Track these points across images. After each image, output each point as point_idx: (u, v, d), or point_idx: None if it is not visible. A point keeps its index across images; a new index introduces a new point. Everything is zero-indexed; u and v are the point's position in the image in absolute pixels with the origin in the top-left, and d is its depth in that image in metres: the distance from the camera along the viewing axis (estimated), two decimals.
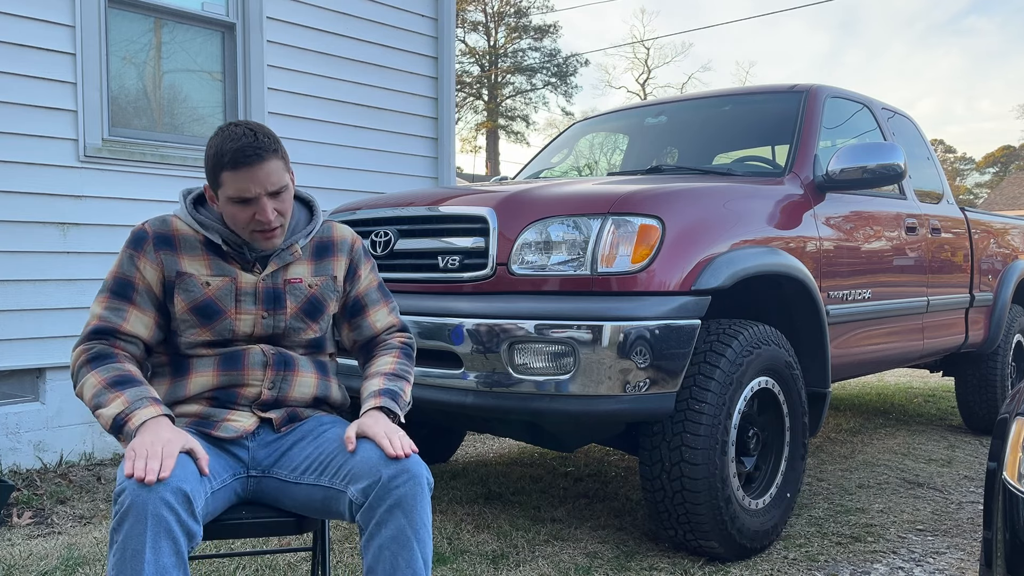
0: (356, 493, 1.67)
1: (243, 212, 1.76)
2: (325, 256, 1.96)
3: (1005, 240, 5.35)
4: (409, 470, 1.67)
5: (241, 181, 1.73)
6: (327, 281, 1.95)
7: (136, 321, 1.80)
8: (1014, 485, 1.71)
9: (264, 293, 1.86)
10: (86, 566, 2.75)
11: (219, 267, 1.83)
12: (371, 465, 1.68)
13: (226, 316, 1.82)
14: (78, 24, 4.15)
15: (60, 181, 4.12)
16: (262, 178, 1.73)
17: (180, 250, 1.82)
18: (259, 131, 1.76)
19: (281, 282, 1.88)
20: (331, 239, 1.99)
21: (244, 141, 1.72)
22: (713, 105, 4.38)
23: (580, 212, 2.75)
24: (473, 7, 37.05)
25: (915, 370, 7.56)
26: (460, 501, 3.58)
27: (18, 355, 4.02)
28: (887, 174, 3.50)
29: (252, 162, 1.72)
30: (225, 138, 1.74)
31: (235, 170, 1.72)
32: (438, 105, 5.88)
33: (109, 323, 1.78)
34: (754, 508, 2.91)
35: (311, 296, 1.91)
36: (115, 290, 1.81)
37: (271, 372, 1.85)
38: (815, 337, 3.27)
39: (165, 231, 1.83)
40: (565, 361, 2.58)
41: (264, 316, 1.86)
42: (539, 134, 41.83)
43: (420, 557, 1.65)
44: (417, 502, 1.66)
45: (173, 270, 1.81)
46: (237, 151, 1.71)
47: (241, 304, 1.83)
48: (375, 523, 1.65)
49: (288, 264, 1.90)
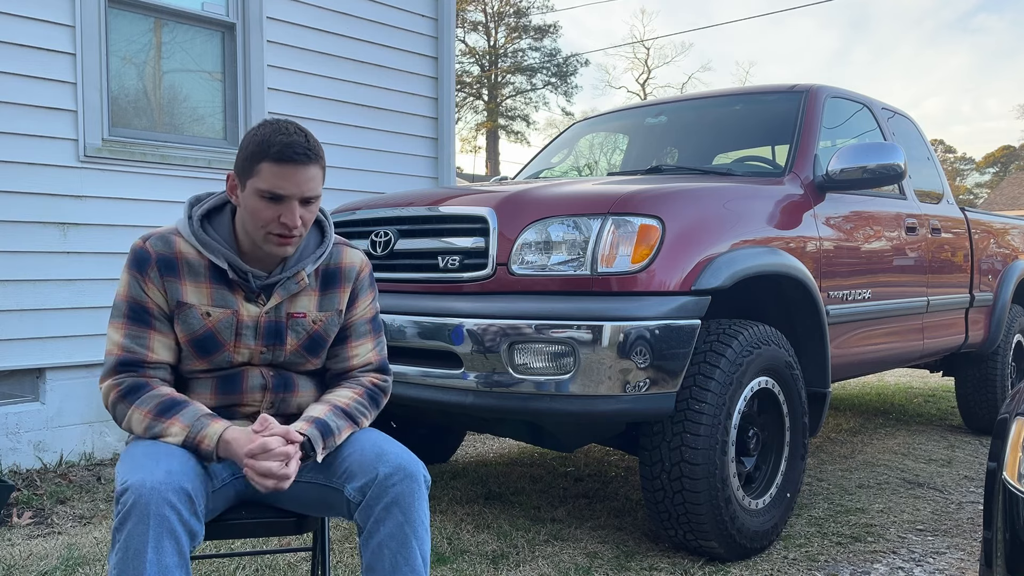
0: (353, 492, 1.68)
1: (269, 210, 1.68)
2: (332, 287, 1.87)
3: (1005, 240, 5.35)
4: (405, 468, 1.67)
5: (280, 177, 1.66)
6: (332, 316, 1.87)
7: (160, 347, 1.74)
8: (1014, 485, 1.71)
9: (265, 328, 1.80)
10: (86, 566, 2.75)
11: (221, 297, 1.76)
12: (367, 463, 1.68)
13: (224, 349, 1.78)
14: (78, 24, 4.15)
15: (60, 181, 4.12)
16: (302, 181, 1.67)
17: (183, 276, 1.75)
18: (309, 135, 1.71)
19: (284, 315, 1.81)
20: (339, 267, 1.89)
21: (295, 139, 1.67)
22: (713, 105, 4.38)
23: (580, 212, 2.75)
24: (473, 7, 37.05)
25: (915, 370, 7.56)
26: (460, 501, 3.58)
27: (18, 355, 4.02)
28: (887, 174, 3.50)
29: (299, 161, 1.66)
30: (275, 130, 1.68)
31: (278, 163, 1.65)
32: (438, 105, 5.88)
33: (134, 354, 1.72)
34: (754, 508, 2.91)
35: (314, 333, 1.85)
36: (131, 316, 1.73)
37: (270, 395, 1.84)
38: (815, 337, 3.27)
39: (168, 253, 1.74)
40: (565, 361, 2.58)
41: (263, 351, 1.81)
42: (539, 134, 41.87)
43: (419, 555, 1.65)
44: (414, 500, 1.66)
45: (175, 298, 1.74)
46: (287, 145, 1.65)
47: (241, 339, 1.78)
48: (373, 521, 1.65)
49: (294, 295, 1.82)
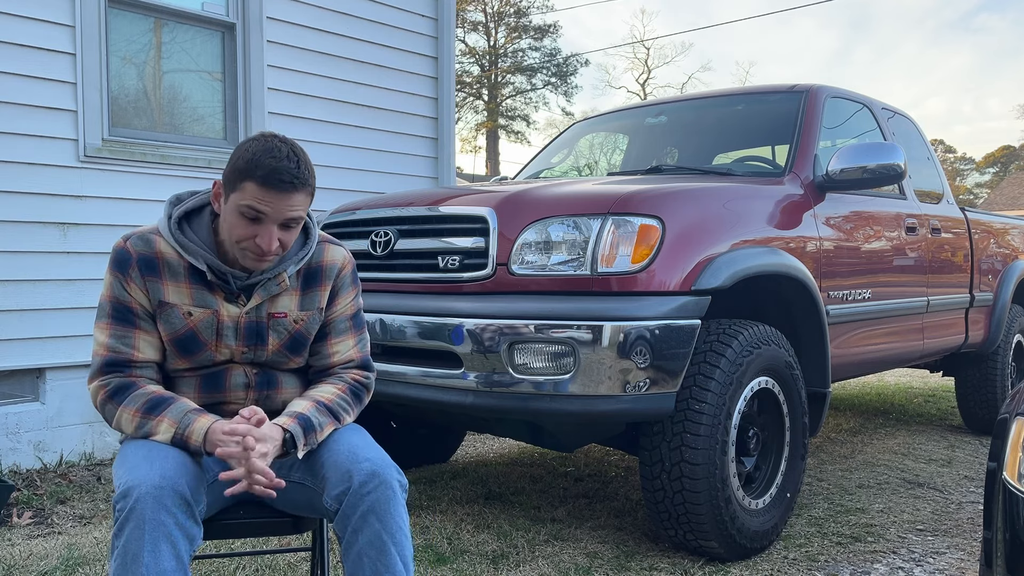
0: (330, 500, 1.68)
1: (246, 228, 1.67)
2: (313, 286, 1.87)
3: (1005, 240, 5.35)
4: (379, 475, 1.67)
5: (262, 200, 1.63)
6: (313, 315, 1.87)
7: (145, 346, 1.75)
8: (1014, 485, 1.71)
9: (246, 328, 1.79)
10: (86, 566, 2.75)
11: (201, 297, 1.76)
12: (342, 470, 1.68)
13: (207, 349, 1.78)
14: (78, 24, 4.15)
15: (60, 181, 4.12)
16: (284, 207, 1.65)
17: (163, 276, 1.75)
18: (302, 159, 1.67)
19: (265, 315, 1.81)
20: (321, 264, 1.88)
21: (285, 164, 1.62)
22: (713, 105, 4.38)
23: (580, 212, 2.75)
24: (473, 7, 37.05)
25: (915, 370, 7.56)
26: (460, 501, 3.58)
27: (18, 355, 4.02)
28: (887, 174, 3.50)
29: (283, 189, 1.63)
30: (267, 150, 1.63)
31: (263, 186, 1.62)
32: (438, 105, 5.88)
33: (120, 354, 1.73)
34: (754, 508, 2.91)
35: (295, 332, 1.85)
36: (116, 316, 1.74)
37: (253, 392, 1.84)
38: (815, 337, 3.27)
39: (148, 253, 1.74)
40: (565, 361, 2.58)
41: (244, 351, 1.81)
42: (539, 134, 41.85)
43: (399, 560, 1.66)
44: (390, 506, 1.66)
45: (156, 298, 1.74)
46: (274, 170, 1.62)
47: (222, 339, 1.78)
48: (351, 531, 1.65)
49: (274, 296, 1.82)
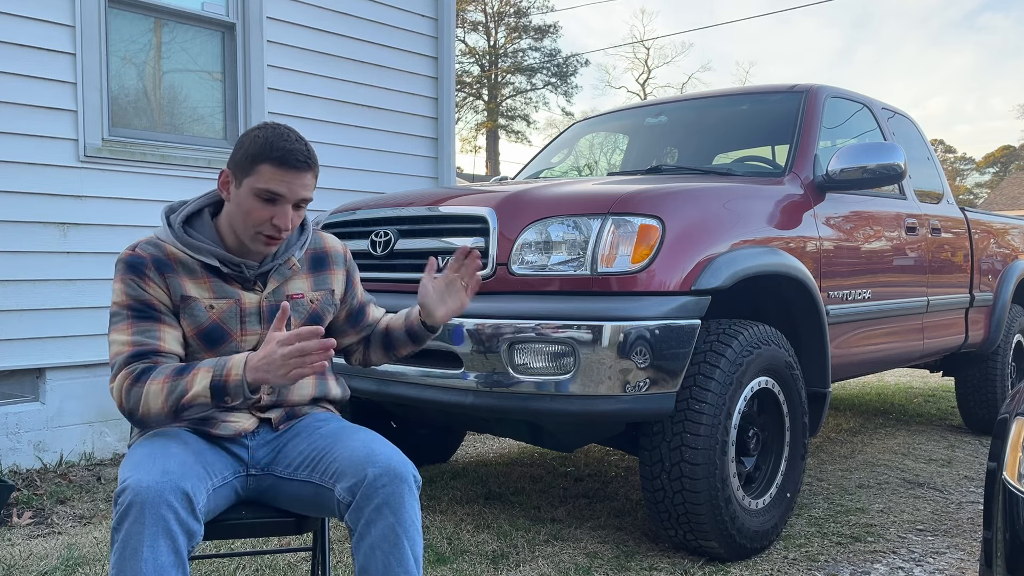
0: (343, 492, 1.68)
1: (264, 210, 1.74)
2: (322, 269, 1.97)
3: (1005, 240, 5.35)
4: (395, 469, 1.68)
5: (280, 180, 1.73)
6: (326, 295, 1.96)
7: (170, 339, 1.74)
8: (1014, 485, 1.71)
9: (268, 311, 1.84)
10: (86, 566, 2.75)
11: (221, 289, 1.81)
12: (356, 463, 1.69)
13: (232, 340, 1.80)
14: (78, 24, 4.15)
15: (60, 181, 4.12)
16: (299, 187, 1.75)
17: (180, 273, 1.78)
18: (307, 143, 1.80)
19: (284, 298, 1.87)
20: (324, 250, 1.99)
21: (297, 146, 1.75)
22: (713, 105, 4.38)
23: (580, 212, 2.75)
24: (473, 7, 37.04)
25: (915, 370, 7.56)
26: (460, 501, 3.58)
27: (18, 355, 4.02)
28: (887, 174, 3.50)
29: (300, 167, 1.74)
30: (278, 135, 1.75)
31: (279, 167, 1.72)
32: (438, 105, 5.88)
33: (146, 346, 1.70)
34: (754, 508, 2.91)
35: (313, 312, 1.92)
36: (136, 315, 1.72)
37: None
38: (815, 337, 3.27)
39: (160, 255, 1.77)
40: (565, 361, 2.58)
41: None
42: (539, 134, 41.84)
43: (411, 555, 1.66)
44: (404, 500, 1.67)
45: (178, 293, 1.76)
46: (290, 151, 1.73)
47: (246, 325, 1.82)
48: (364, 523, 1.66)
49: (288, 279, 1.89)
